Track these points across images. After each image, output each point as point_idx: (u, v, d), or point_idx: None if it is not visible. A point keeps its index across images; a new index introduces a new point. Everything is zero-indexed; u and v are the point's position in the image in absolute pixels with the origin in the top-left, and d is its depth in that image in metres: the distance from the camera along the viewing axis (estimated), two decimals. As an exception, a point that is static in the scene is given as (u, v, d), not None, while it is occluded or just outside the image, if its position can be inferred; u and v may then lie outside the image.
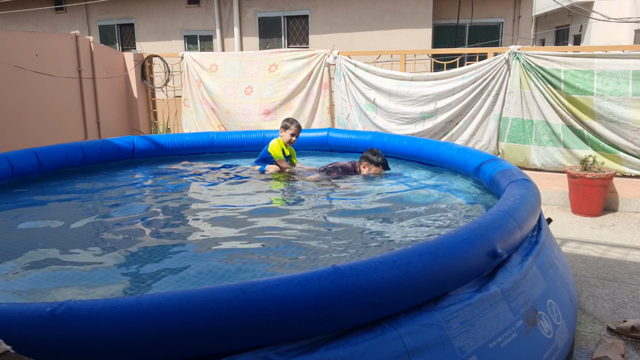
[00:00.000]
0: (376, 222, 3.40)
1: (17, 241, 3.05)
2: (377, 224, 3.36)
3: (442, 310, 1.82)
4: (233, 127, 6.88)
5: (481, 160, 3.86)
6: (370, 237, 3.12)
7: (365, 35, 11.03)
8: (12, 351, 1.27)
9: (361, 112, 6.36)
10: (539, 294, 2.20)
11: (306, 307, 1.55)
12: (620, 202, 4.94)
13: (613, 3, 17.01)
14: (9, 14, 13.16)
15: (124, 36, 12.93)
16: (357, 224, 3.33)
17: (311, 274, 1.64)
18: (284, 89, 6.66)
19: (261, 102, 6.76)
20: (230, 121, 6.94)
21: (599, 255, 3.73)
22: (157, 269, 2.58)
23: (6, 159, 4.17)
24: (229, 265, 2.62)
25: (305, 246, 2.90)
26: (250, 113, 6.80)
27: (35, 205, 3.89)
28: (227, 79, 6.91)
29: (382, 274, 1.69)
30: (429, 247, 1.89)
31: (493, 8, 11.55)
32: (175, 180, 4.66)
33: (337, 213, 3.57)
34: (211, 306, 1.48)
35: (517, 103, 5.67)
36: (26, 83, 5.86)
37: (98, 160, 4.96)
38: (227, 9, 11.73)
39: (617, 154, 5.28)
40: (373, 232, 3.20)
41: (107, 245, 2.98)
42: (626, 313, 2.80)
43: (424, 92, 5.98)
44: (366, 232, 3.19)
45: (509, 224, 2.23)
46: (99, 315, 1.42)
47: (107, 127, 7.17)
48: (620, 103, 5.11)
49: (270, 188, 4.38)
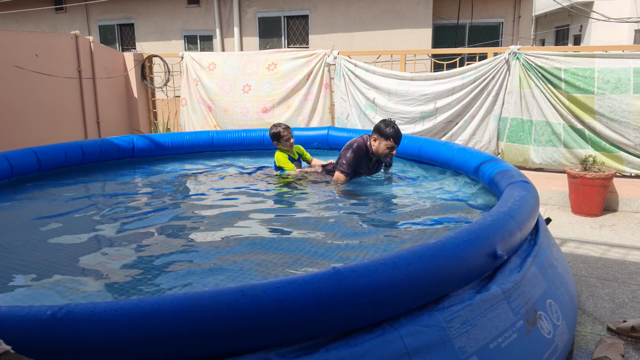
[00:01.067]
0: (376, 223, 3.40)
1: (17, 241, 3.04)
2: (377, 225, 3.36)
3: (442, 310, 1.82)
4: (230, 125, 6.87)
5: (480, 160, 3.86)
6: (370, 238, 3.12)
7: (365, 35, 11.03)
8: (12, 351, 1.27)
9: (361, 112, 6.36)
10: (539, 294, 2.21)
11: (306, 309, 1.55)
12: (620, 202, 4.94)
13: (613, 3, 17.00)
14: (9, 14, 13.15)
15: (124, 36, 12.93)
16: (357, 226, 3.33)
17: (311, 276, 1.63)
18: (282, 87, 6.64)
19: (259, 99, 6.74)
20: (228, 119, 6.92)
21: (598, 255, 3.72)
22: (158, 270, 2.58)
23: (6, 159, 4.17)
24: (229, 267, 2.61)
25: (304, 248, 2.90)
26: (248, 111, 6.79)
27: (34, 204, 3.89)
28: (225, 77, 6.90)
29: (382, 275, 1.69)
30: (429, 248, 1.88)
31: (493, 8, 11.55)
32: (174, 180, 4.65)
33: (337, 215, 3.57)
34: (212, 309, 1.48)
35: (516, 103, 5.68)
36: (26, 83, 5.85)
37: (98, 160, 4.95)
38: (227, 9, 11.73)
39: (618, 154, 5.28)
40: (373, 234, 3.20)
41: (107, 245, 2.98)
42: (626, 313, 2.80)
43: (423, 92, 5.98)
44: (366, 234, 3.19)
45: (510, 226, 2.23)
46: (100, 319, 1.42)
47: (107, 127, 7.17)
48: (622, 101, 5.10)
49: (277, 190, 4.34)
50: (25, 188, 4.22)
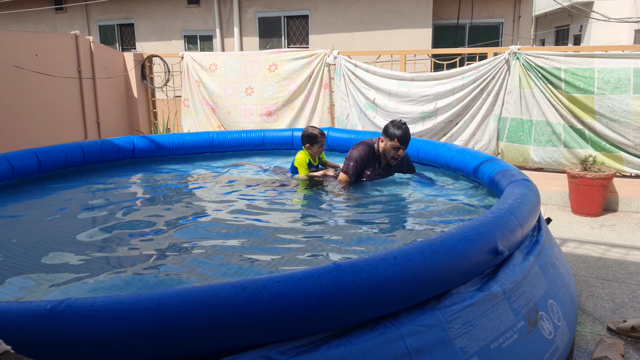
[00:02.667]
0: (377, 220, 3.39)
1: (17, 241, 3.04)
2: (378, 222, 3.36)
3: (444, 310, 1.81)
4: (233, 127, 6.88)
5: (480, 160, 3.86)
6: (371, 235, 3.12)
7: (365, 35, 11.03)
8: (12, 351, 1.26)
9: (361, 112, 6.36)
10: (540, 295, 2.20)
11: (307, 305, 1.54)
12: (620, 202, 4.93)
13: (613, 3, 17.02)
14: (9, 14, 13.16)
15: (124, 36, 12.93)
16: (358, 223, 3.33)
17: (312, 271, 1.63)
18: (285, 90, 6.66)
19: (262, 102, 6.76)
20: (230, 121, 6.93)
21: (598, 255, 3.72)
22: (158, 266, 2.58)
23: (6, 160, 4.17)
24: (229, 262, 2.61)
25: (306, 243, 2.90)
26: (251, 114, 6.80)
27: (35, 205, 3.89)
28: (226, 79, 6.90)
29: (383, 271, 1.69)
30: (430, 244, 1.88)
31: (493, 8, 11.55)
32: (175, 180, 4.65)
33: (338, 212, 3.57)
34: (211, 304, 1.47)
35: (515, 103, 5.68)
36: (26, 83, 5.85)
37: (98, 160, 4.95)
38: (227, 9, 11.73)
39: (618, 154, 5.28)
40: (374, 231, 3.20)
41: (107, 244, 2.98)
42: (626, 313, 2.79)
43: (424, 92, 5.98)
44: (367, 231, 3.19)
45: (511, 222, 2.23)
46: (99, 313, 1.42)
47: (107, 127, 7.17)
48: (622, 101, 5.10)
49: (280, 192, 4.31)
50: (26, 189, 4.22)
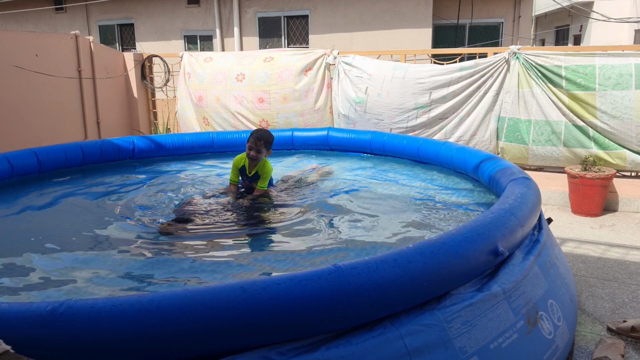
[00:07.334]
0: (376, 221, 3.39)
1: (18, 241, 3.04)
2: (377, 223, 3.36)
3: (443, 310, 1.81)
4: (223, 112, 6.84)
5: (480, 159, 3.86)
6: (370, 236, 3.12)
7: (365, 35, 11.03)
8: (12, 351, 1.26)
9: (351, 106, 6.33)
10: (540, 294, 2.20)
11: (307, 306, 1.55)
12: (620, 202, 4.93)
13: (613, 3, 17.02)
14: (9, 14, 13.16)
15: (124, 36, 12.93)
16: (357, 224, 3.32)
17: (312, 272, 1.63)
18: (277, 77, 6.59)
19: (254, 89, 6.68)
20: (220, 106, 6.87)
21: (598, 255, 3.72)
22: (158, 268, 2.58)
23: (6, 159, 4.17)
24: (229, 264, 2.61)
25: (305, 245, 2.90)
26: (243, 99, 6.73)
27: (35, 205, 3.88)
28: (219, 67, 6.91)
29: (383, 272, 1.69)
30: (430, 245, 1.88)
31: (493, 8, 11.55)
32: (175, 180, 4.65)
33: (336, 213, 3.57)
34: (211, 305, 1.47)
35: (513, 102, 5.66)
36: (26, 83, 5.85)
37: (98, 160, 4.95)
38: (227, 9, 11.73)
39: (620, 151, 5.25)
40: (373, 232, 3.20)
41: (107, 244, 2.98)
42: (626, 313, 2.79)
43: (420, 79, 5.91)
44: (366, 232, 3.19)
45: (511, 222, 2.22)
46: (100, 315, 1.42)
47: (107, 127, 7.17)
48: (624, 97, 5.07)
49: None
50: (26, 189, 4.22)
